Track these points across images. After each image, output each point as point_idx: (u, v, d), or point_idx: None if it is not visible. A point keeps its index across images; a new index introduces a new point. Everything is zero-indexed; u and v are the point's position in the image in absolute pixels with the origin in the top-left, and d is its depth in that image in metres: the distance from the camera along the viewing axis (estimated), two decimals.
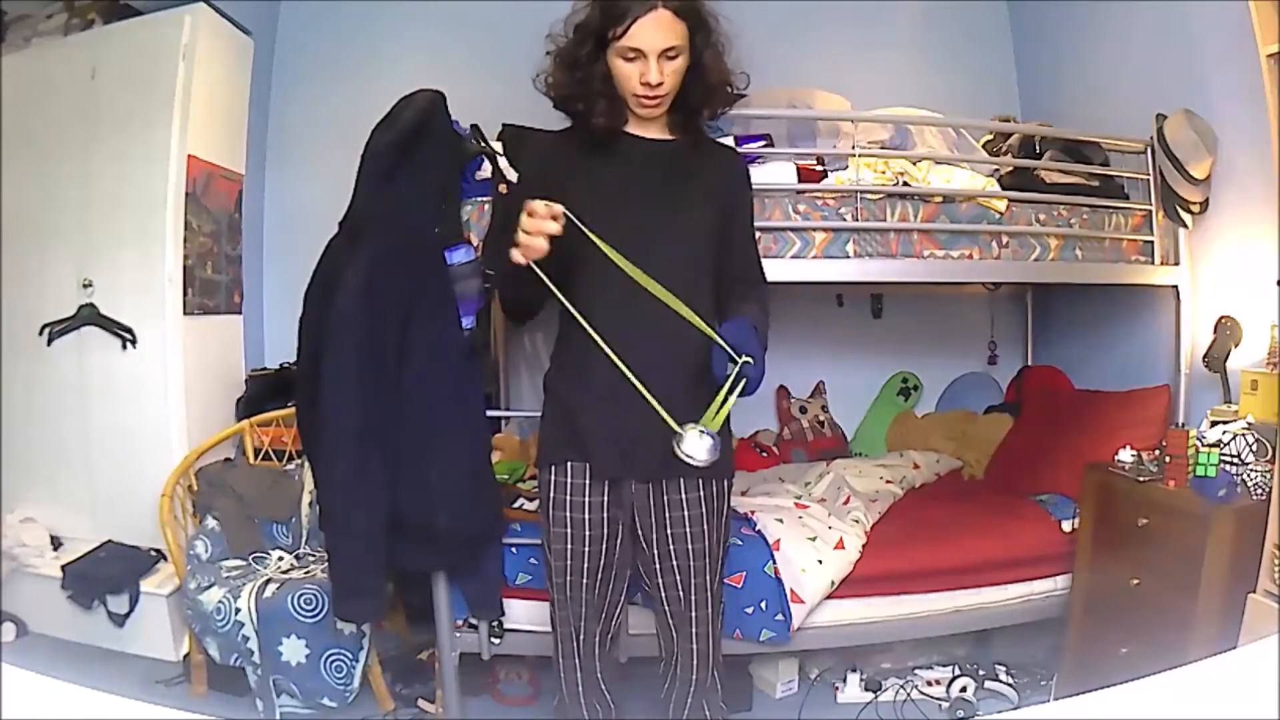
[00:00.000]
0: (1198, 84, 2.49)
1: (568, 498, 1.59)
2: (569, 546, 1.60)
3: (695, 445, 1.33)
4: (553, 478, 1.60)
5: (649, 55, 1.47)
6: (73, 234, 2.85)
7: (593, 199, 1.50)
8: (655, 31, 1.46)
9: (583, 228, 1.40)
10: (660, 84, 1.50)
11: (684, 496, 1.59)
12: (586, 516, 1.58)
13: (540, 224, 1.36)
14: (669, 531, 1.59)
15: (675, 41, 1.48)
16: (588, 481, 1.58)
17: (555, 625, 1.67)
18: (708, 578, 1.62)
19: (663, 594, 1.64)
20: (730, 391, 1.37)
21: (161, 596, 2.59)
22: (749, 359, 1.36)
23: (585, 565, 1.60)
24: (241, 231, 3.16)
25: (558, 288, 1.43)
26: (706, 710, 1.68)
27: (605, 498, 1.59)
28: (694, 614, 1.63)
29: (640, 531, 1.62)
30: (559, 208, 1.37)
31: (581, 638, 1.65)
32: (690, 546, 1.60)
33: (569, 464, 1.59)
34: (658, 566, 1.62)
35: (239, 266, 3.16)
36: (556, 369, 1.65)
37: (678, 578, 1.61)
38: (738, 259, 1.65)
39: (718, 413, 1.36)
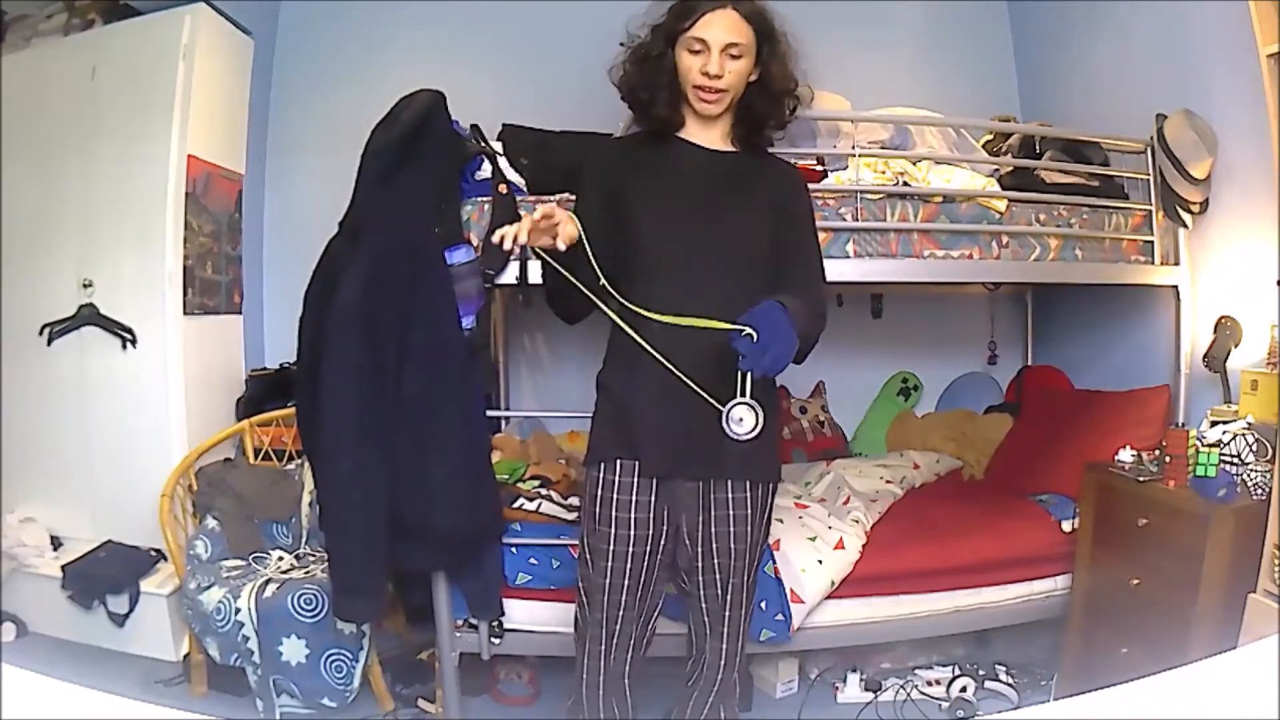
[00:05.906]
0: (1198, 84, 2.49)
1: (615, 496, 1.57)
2: (613, 547, 1.57)
3: (737, 419, 1.40)
4: (601, 475, 1.59)
5: (712, 48, 1.54)
6: (73, 234, 2.84)
7: (649, 201, 1.59)
8: (721, 26, 1.54)
9: (589, 253, 1.47)
10: (720, 76, 1.55)
11: (730, 496, 1.59)
12: (633, 516, 1.57)
13: (526, 224, 1.41)
14: (713, 530, 1.60)
15: (739, 40, 1.55)
16: (636, 479, 1.57)
17: (584, 624, 1.64)
18: (745, 577, 1.63)
19: (701, 592, 1.64)
20: (740, 366, 1.36)
21: (161, 596, 2.59)
22: (751, 331, 1.32)
23: (628, 565, 1.58)
24: (241, 231, 3.16)
25: (611, 284, 1.51)
26: (722, 711, 1.68)
27: (654, 496, 1.58)
28: (728, 614, 1.64)
29: (685, 530, 1.62)
30: (554, 211, 1.44)
31: (616, 640, 1.62)
32: (733, 546, 1.60)
33: (619, 462, 1.58)
34: (699, 564, 1.62)
35: (239, 266, 3.16)
36: (610, 366, 1.66)
37: (717, 576, 1.61)
38: (799, 269, 1.63)
39: (741, 390, 1.41)
